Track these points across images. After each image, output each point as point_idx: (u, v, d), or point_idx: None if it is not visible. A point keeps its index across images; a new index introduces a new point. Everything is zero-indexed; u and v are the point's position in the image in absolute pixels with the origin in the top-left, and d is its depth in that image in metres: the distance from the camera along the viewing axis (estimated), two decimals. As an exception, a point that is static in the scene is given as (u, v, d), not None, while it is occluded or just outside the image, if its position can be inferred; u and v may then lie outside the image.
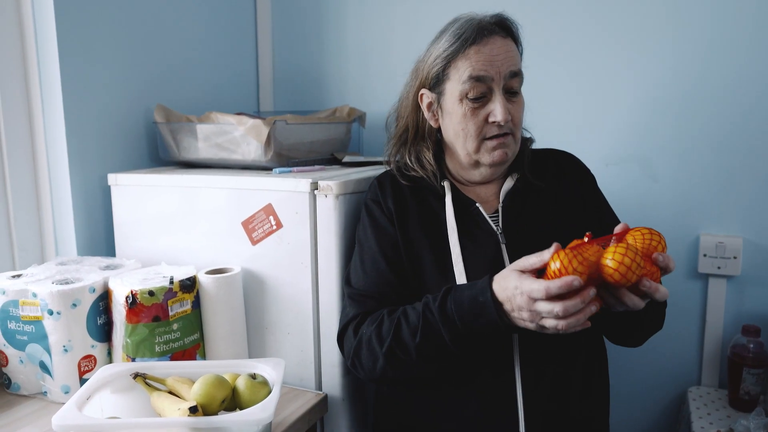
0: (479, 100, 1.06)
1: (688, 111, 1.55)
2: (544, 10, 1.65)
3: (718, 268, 1.53)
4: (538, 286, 0.85)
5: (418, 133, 1.20)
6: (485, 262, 1.07)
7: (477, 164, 1.13)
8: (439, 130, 1.17)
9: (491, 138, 1.08)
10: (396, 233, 1.14)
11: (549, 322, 0.87)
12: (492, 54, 1.04)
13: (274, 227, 1.28)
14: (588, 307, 0.86)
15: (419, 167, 1.18)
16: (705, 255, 1.54)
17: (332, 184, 1.22)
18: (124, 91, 1.54)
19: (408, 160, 1.19)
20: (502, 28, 1.08)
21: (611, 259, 0.85)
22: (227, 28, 1.88)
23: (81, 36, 1.41)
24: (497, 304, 0.93)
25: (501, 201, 1.14)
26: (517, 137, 1.11)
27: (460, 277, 1.07)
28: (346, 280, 1.17)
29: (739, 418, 1.35)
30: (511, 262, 1.05)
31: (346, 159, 1.56)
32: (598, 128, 1.65)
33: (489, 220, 1.12)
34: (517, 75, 1.07)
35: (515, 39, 1.10)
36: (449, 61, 1.07)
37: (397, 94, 1.84)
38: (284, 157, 1.44)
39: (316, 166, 1.45)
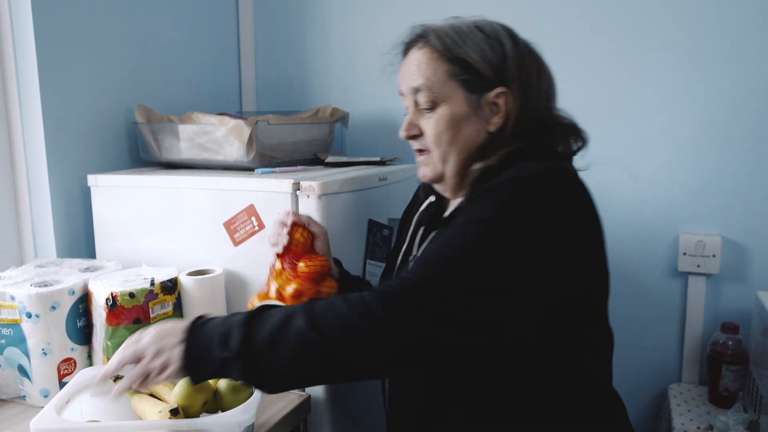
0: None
1: (669, 112, 1.57)
2: (535, 10, 1.66)
3: (698, 266, 1.55)
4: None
5: None
6: None
7: None
8: None
9: (418, 153, 1.03)
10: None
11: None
12: (403, 71, 1.01)
13: (256, 228, 1.27)
14: None
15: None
16: (685, 253, 1.56)
17: (314, 184, 1.22)
18: (103, 91, 1.52)
19: None
20: (419, 38, 0.99)
21: None
22: (209, 27, 1.87)
23: (60, 34, 1.40)
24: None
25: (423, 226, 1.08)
26: (438, 156, 0.98)
27: None
28: None
29: (718, 414, 1.37)
30: None
31: (329, 159, 1.56)
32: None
33: (417, 243, 1.08)
34: (419, 90, 0.96)
35: (438, 47, 0.96)
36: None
37: (380, 94, 1.86)
38: (267, 157, 1.44)
39: (299, 167, 1.45)
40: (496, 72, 0.96)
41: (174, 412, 0.94)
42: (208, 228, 1.32)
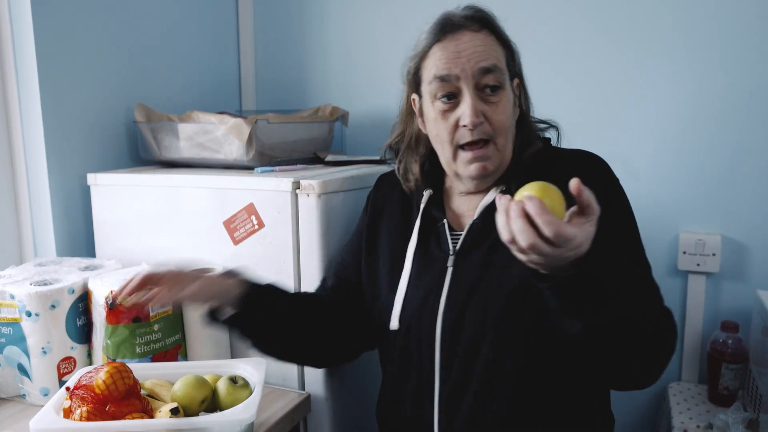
0: (449, 101, 0.96)
1: (669, 111, 1.57)
2: (535, 10, 1.66)
3: (698, 265, 1.55)
4: None
5: (411, 142, 1.10)
6: (427, 284, 1.02)
7: (457, 176, 1.02)
8: None
9: (466, 147, 0.97)
10: (362, 235, 1.14)
11: None
12: (457, 50, 0.94)
13: (256, 227, 1.27)
14: None
15: (405, 181, 1.11)
16: (684, 252, 1.56)
17: (314, 183, 1.22)
18: (103, 90, 1.52)
19: (397, 171, 1.13)
20: (474, 21, 0.96)
21: None
22: (209, 26, 1.87)
23: (59, 33, 1.39)
24: None
25: (474, 218, 1.01)
26: (501, 144, 0.97)
27: (400, 294, 1.03)
28: None
29: (718, 413, 1.37)
30: (451, 288, 0.99)
31: (329, 158, 1.56)
32: (579, 126, 1.65)
33: (449, 238, 1.03)
34: (491, 71, 0.94)
35: (495, 32, 0.97)
36: (420, 60, 0.99)
37: (380, 92, 1.86)
38: (266, 156, 1.44)
39: (299, 166, 1.45)
40: (516, 62, 1.02)
41: (174, 411, 0.95)
42: (208, 227, 1.32)
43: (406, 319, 1.02)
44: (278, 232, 1.26)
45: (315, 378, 1.29)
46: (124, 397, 0.94)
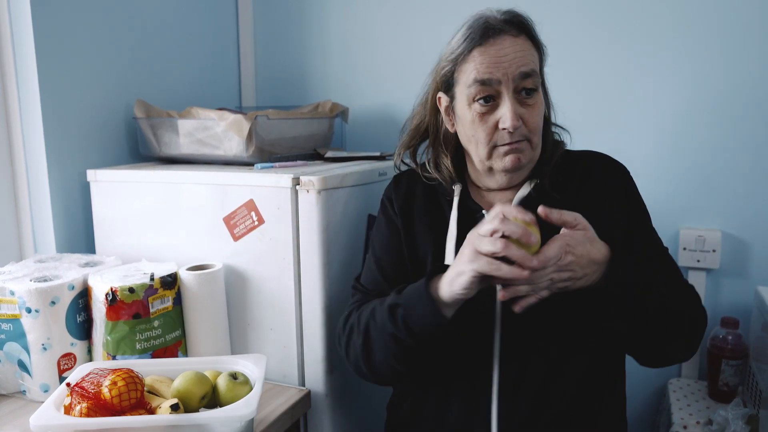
0: (487, 104, 0.98)
1: (669, 107, 1.57)
2: (537, 9, 1.65)
3: (698, 261, 1.55)
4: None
5: (438, 137, 1.13)
6: None
7: (491, 171, 1.05)
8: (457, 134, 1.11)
9: (503, 144, 1.00)
10: (401, 234, 1.11)
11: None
12: (498, 55, 0.96)
13: (256, 223, 1.27)
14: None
15: (437, 172, 1.12)
16: (685, 249, 1.56)
17: (314, 179, 1.22)
18: (103, 86, 1.52)
19: (426, 163, 1.14)
20: (513, 25, 0.99)
21: None
22: (208, 22, 1.87)
23: (59, 30, 1.39)
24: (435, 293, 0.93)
25: None
26: (535, 143, 1.02)
27: None
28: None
29: (718, 409, 1.38)
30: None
31: (329, 154, 1.55)
32: (579, 123, 1.65)
33: None
34: (529, 76, 0.98)
35: (531, 36, 1.01)
36: (456, 63, 1.01)
37: (380, 89, 1.86)
38: (266, 152, 1.44)
39: (299, 162, 1.45)
40: (544, 63, 1.06)
41: (174, 407, 0.95)
42: (208, 223, 1.32)
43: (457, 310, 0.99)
44: (278, 228, 1.26)
45: (315, 375, 1.29)
46: (131, 409, 0.94)
